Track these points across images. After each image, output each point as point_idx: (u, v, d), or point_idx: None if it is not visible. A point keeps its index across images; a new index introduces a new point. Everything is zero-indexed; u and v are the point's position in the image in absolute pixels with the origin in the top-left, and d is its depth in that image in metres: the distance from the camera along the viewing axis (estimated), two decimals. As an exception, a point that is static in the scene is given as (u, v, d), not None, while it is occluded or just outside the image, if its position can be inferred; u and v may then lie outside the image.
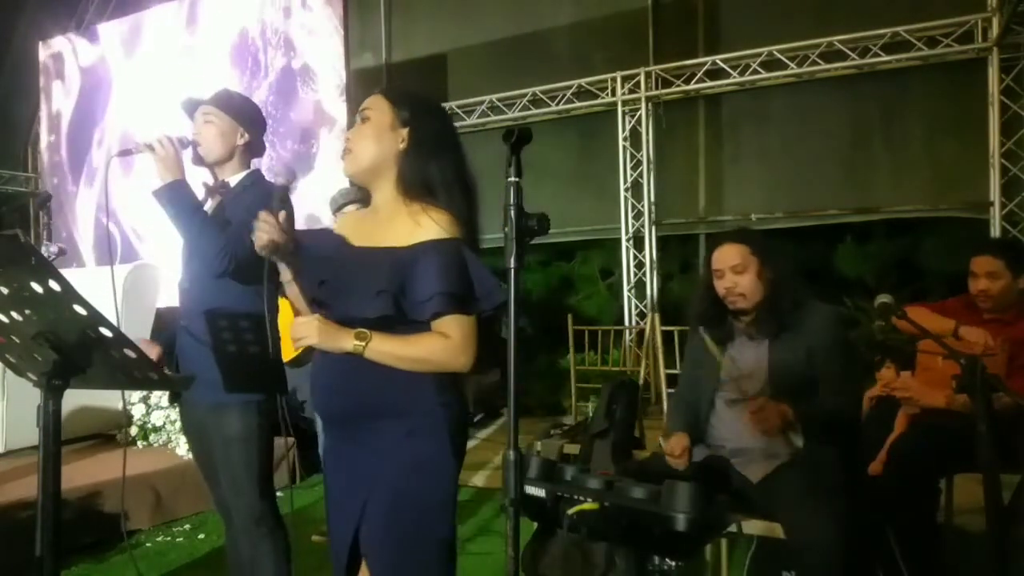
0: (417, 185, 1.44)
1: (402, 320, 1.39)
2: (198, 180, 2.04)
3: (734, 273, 2.17)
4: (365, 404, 1.43)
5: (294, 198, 1.56)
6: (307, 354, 3.33)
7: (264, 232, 1.40)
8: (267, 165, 2.14)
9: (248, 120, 2.10)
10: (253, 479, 1.98)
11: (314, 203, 5.30)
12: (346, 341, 1.37)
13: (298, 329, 1.40)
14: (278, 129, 5.93)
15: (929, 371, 2.54)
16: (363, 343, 1.36)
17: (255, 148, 2.13)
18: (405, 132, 1.46)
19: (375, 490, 1.41)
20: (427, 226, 1.39)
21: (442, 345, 1.38)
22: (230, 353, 1.94)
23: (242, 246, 1.87)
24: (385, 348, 1.37)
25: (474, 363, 1.41)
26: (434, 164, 1.45)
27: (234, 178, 2.06)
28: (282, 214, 1.42)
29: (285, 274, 1.48)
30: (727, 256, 2.20)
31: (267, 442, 2.03)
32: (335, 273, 1.44)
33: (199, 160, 2.04)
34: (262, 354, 1.93)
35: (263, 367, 1.95)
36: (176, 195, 1.94)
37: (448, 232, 1.38)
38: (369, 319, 1.38)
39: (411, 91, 1.53)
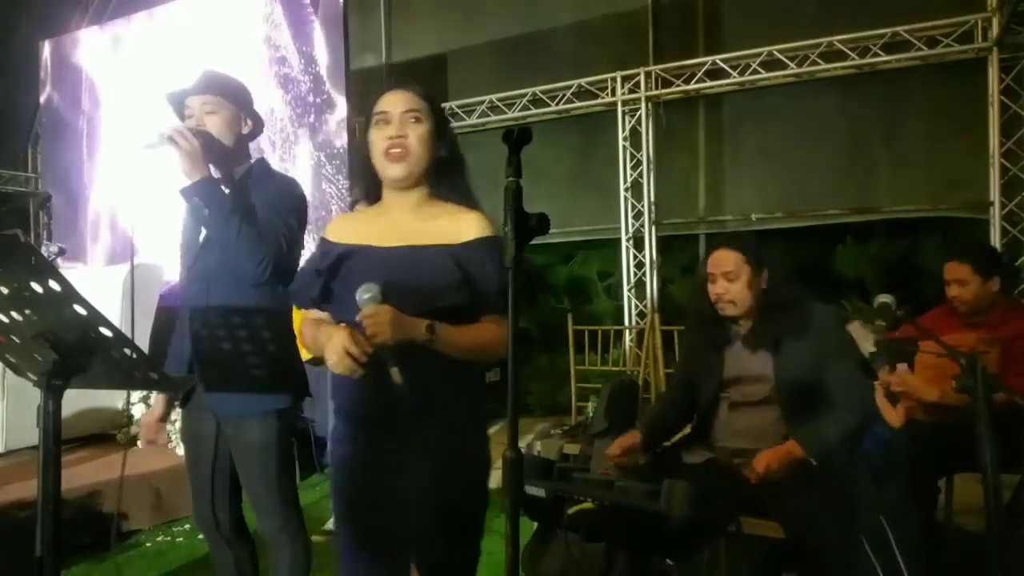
0: (452, 192, 1.52)
1: (463, 313, 1.44)
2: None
3: (726, 280, 2.17)
4: (419, 404, 1.41)
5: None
6: None
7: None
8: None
9: (249, 105, 2.00)
10: (273, 487, 1.93)
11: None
12: (417, 331, 1.36)
13: (369, 324, 1.34)
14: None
15: (928, 368, 2.55)
16: (433, 334, 1.37)
17: (254, 133, 2.03)
18: (443, 141, 1.52)
19: (429, 490, 1.44)
20: (473, 224, 1.46)
21: (503, 333, 1.39)
22: (255, 357, 1.83)
23: (279, 252, 1.85)
24: (453, 337, 1.39)
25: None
26: (464, 172, 1.56)
27: (238, 169, 1.96)
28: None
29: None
30: (721, 261, 2.19)
31: (288, 447, 1.98)
32: (391, 275, 1.41)
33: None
34: (285, 355, 1.86)
35: (288, 370, 1.88)
36: (210, 195, 1.80)
37: (491, 231, 1.46)
38: (439, 310, 1.40)
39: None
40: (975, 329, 2.50)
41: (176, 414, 4.03)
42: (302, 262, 1.81)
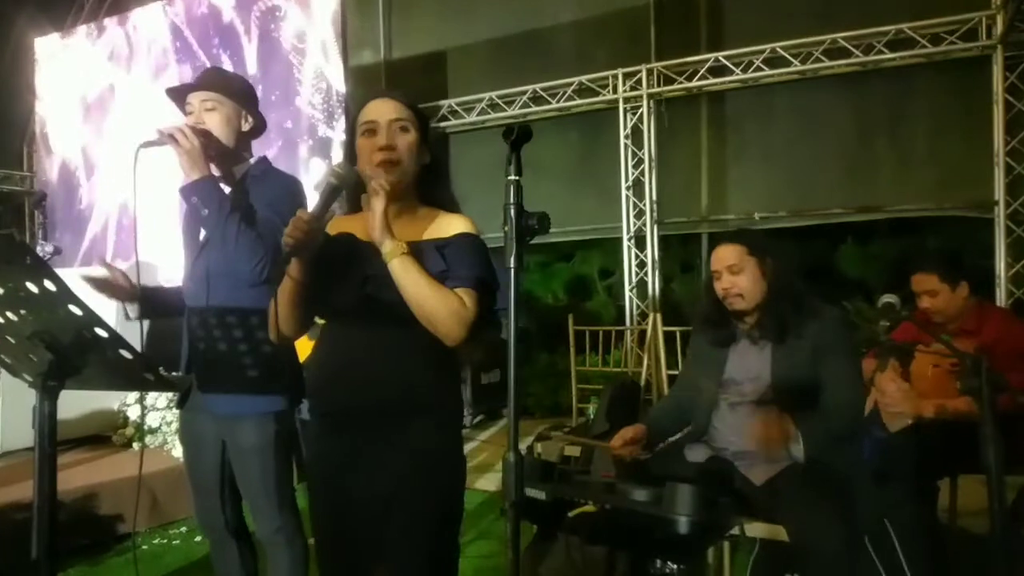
0: (437, 196, 1.57)
1: None
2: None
3: (731, 273, 2.16)
4: (398, 398, 1.43)
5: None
6: None
7: (298, 233, 1.35)
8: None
9: (251, 102, 1.99)
10: (271, 490, 1.92)
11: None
12: (390, 238, 1.39)
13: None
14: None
15: (923, 379, 2.53)
16: (402, 251, 1.39)
17: (256, 131, 2.02)
18: (427, 148, 1.56)
19: (404, 487, 1.43)
20: (460, 223, 1.51)
21: (458, 304, 1.41)
22: (251, 358, 1.84)
23: (276, 251, 1.85)
24: (415, 273, 1.39)
25: (464, 351, 1.48)
26: (447, 178, 1.63)
27: (239, 168, 1.95)
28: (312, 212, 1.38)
29: (293, 271, 1.44)
30: (723, 256, 2.19)
31: (286, 450, 1.96)
32: (377, 268, 1.42)
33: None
34: (282, 357, 1.86)
35: (284, 372, 1.88)
36: (209, 194, 1.79)
37: (476, 230, 1.51)
38: None
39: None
40: (954, 337, 2.47)
41: (174, 415, 4.04)
42: None
